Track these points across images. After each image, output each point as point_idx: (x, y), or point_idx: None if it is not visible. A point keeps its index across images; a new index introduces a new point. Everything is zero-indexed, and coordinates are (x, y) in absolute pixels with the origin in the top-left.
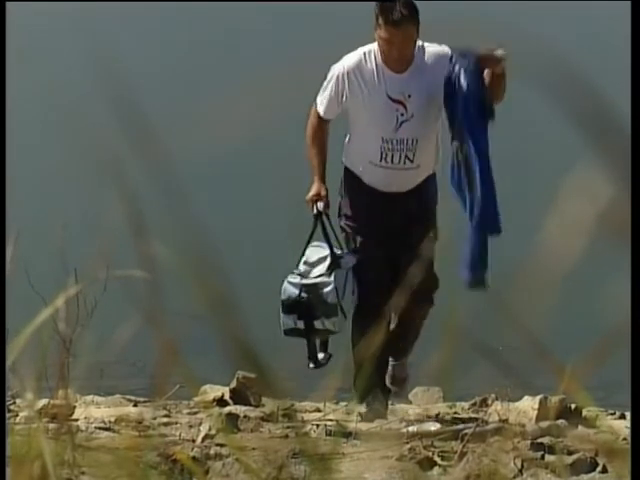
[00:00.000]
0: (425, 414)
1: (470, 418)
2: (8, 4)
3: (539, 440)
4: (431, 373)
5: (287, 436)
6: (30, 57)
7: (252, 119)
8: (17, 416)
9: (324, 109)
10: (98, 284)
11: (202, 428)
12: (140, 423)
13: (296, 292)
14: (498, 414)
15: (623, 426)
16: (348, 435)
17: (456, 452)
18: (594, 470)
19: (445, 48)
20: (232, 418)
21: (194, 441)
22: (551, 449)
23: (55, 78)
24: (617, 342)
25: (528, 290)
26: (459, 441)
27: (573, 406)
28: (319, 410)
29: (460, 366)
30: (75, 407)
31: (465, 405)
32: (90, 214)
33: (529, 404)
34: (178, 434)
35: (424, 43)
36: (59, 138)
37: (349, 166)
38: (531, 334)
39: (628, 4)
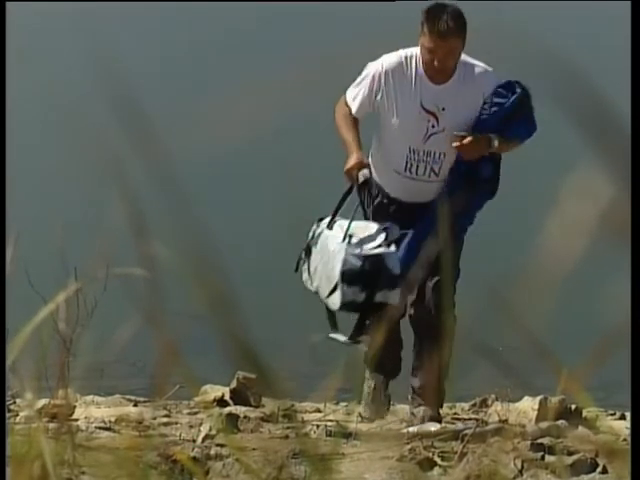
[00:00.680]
0: None
1: (470, 418)
2: (8, 4)
3: (539, 441)
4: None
5: (287, 436)
6: (30, 57)
7: (252, 119)
8: (17, 416)
9: (356, 107)
10: (98, 284)
11: (202, 428)
12: (140, 423)
13: (359, 263)
14: (498, 415)
15: (623, 427)
16: (348, 436)
17: (456, 452)
18: (594, 471)
19: (489, 70)
20: (232, 418)
21: (194, 441)
22: (551, 450)
23: (55, 78)
24: (617, 342)
25: (528, 290)
26: (459, 441)
27: (573, 407)
28: (319, 411)
29: (460, 366)
30: (75, 407)
31: (465, 406)
32: (90, 214)
33: (529, 405)
34: (178, 434)
35: (468, 58)
36: (59, 138)
37: (373, 174)
38: (531, 334)
39: (628, 4)
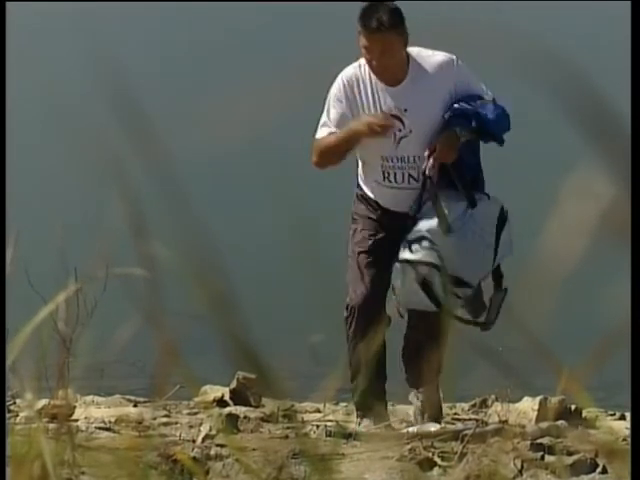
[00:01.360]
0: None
1: (470, 419)
2: (8, 4)
3: (539, 441)
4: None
5: (287, 437)
6: (30, 57)
7: (252, 119)
8: (17, 416)
9: (336, 123)
10: (98, 284)
11: (202, 428)
12: (140, 423)
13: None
14: (498, 415)
15: (623, 427)
16: (348, 436)
17: (456, 453)
18: (594, 471)
19: (451, 59)
20: (232, 418)
21: (194, 441)
22: (551, 450)
23: (55, 78)
24: (617, 342)
25: (529, 291)
26: (459, 442)
27: (573, 407)
28: (319, 411)
29: (460, 367)
30: (75, 407)
31: (465, 406)
32: (90, 214)
33: (529, 405)
34: (178, 434)
35: (423, 52)
36: (59, 138)
37: (362, 187)
38: (531, 335)
39: (628, 4)
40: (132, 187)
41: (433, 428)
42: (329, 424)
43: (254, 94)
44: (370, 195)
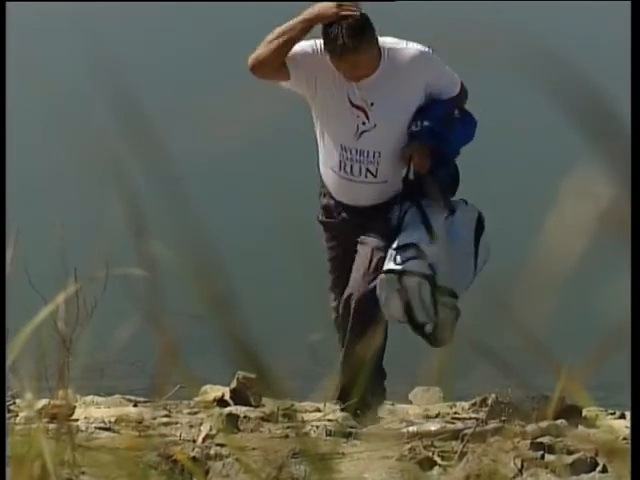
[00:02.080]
0: (425, 414)
1: (470, 418)
2: (8, 4)
3: (539, 440)
4: (431, 373)
5: (287, 436)
6: (30, 57)
7: (252, 119)
8: (17, 416)
9: (295, 51)
10: (98, 284)
11: (202, 428)
12: (140, 423)
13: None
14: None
15: (623, 426)
16: (348, 435)
17: (456, 452)
18: (594, 470)
19: (424, 52)
20: (232, 418)
21: (194, 441)
22: (551, 449)
23: (55, 78)
24: (617, 342)
25: (529, 290)
26: (459, 441)
27: (573, 406)
28: (319, 410)
29: (460, 366)
30: (75, 407)
31: (465, 405)
32: (90, 214)
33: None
34: (178, 434)
35: (397, 44)
36: (59, 138)
37: (320, 174)
38: (531, 334)
39: (628, 4)
40: (132, 187)
41: (433, 427)
42: (329, 424)
43: (254, 94)
44: (326, 184)
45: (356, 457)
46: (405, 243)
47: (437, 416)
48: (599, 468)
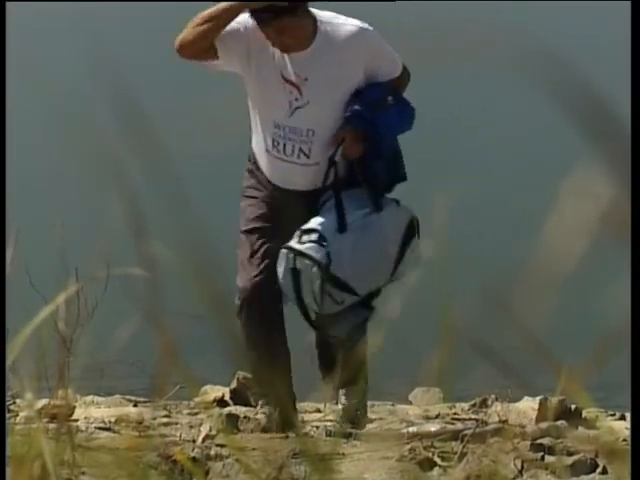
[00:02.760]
0: (425, 415)
1: (470, 418)
2: (8, 4)
3: (539, 441)
4: (431, 374)
5: (287, 436)
6: (30, 57)
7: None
8: (17, 416)
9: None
10: (98, 284)
11: (202, 429)
12: (140, 423)
13: None
14: (498, 415)
15: (623, 427)
16: (348, 435)
17: (456, 453)
18: (594, 471)
19: (358, 28)
20: (232, 418)
21: (194, 441)
22: (551, 450)
23: (55, 78)
24: (617, 342)
25: (529, 290)
26: (459, 442)
27: (573, 407)
28: (319, 411)
29: (460, 367)
30: (75, 407)
31: (465, 406)
32: (90, 214)
33: (529, 405)
34: (178, 434)
35: (335, 19)
36: (59, 138)
37: (254, 159)
38: (531, 334)
39: (628, 4)
40: (132, 187)
41: (433, 428)
42: (329, 424)
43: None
44: (261, 167)
45: (356, 457)
46: (311, 227)
47: (437, 417)
48: (599, 469)
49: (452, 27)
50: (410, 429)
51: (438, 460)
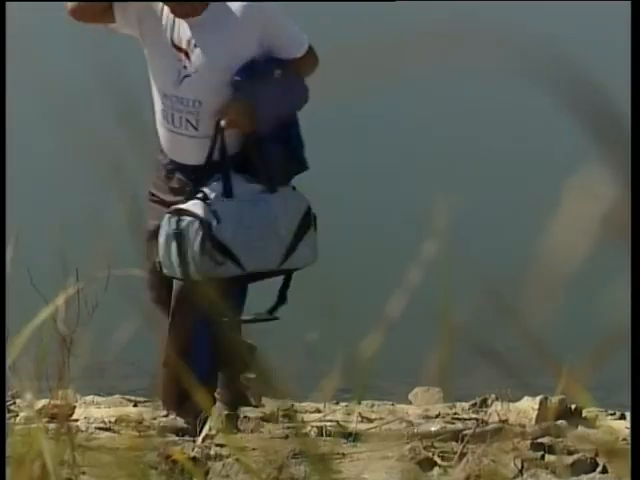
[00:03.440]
0: (425, 414)
1: (470, 418)
2: (8, 4)
3: (539, 440)
4: (431, 373)
5: (287, 436)
6: (30, 57)
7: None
8: (17, 416)
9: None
10: (98, 284)
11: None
12: (140, 423)
13: None
14: (498, 414)
15: (623, 426)
16: (348, 436)
17: (456, 452)
18: (594, 470)
19: (259, 3)
20: (232, 418)
21: (194, 441)
22: (551, 449)
23: (55, 78)
24: (617, 342)
25: (531, 291)
26: (459, 441)
27: (573, 406)
28: (319, 411)
29: (460, 366)
30: (75, 407)
31: (465, 405)
32: (90, 214)
33: (529, 404)
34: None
35: None
36: (59, 138)
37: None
38: (532, 334)
39: (628, 4)
40: (132, 187)
41: (433, 428)
42: (329, 424)
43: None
44: (161, 143)
45: (356, 457)
46: (197, 190)
47: (437, 416)
48: (599, 469)
49: (452, 27)
50: (410, 429)
51: (438, 460)
